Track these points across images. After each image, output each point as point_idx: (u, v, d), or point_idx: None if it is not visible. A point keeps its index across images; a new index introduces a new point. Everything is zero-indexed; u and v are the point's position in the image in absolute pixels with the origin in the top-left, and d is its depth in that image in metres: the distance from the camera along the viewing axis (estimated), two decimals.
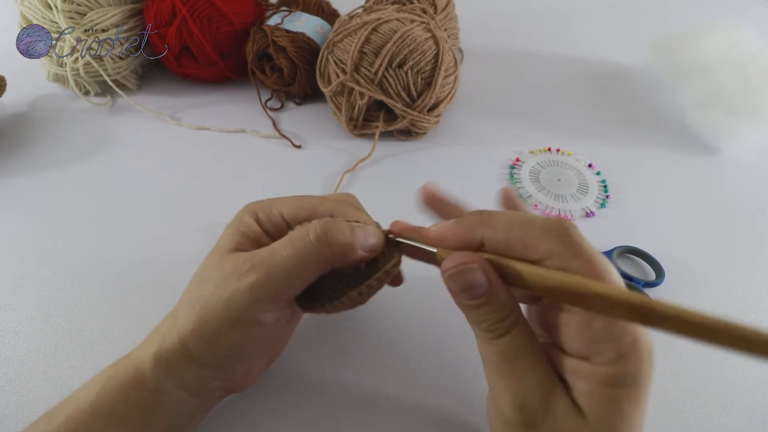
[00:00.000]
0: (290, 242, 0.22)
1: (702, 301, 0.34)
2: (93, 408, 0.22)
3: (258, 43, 0.47)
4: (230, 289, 0.22)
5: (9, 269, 0.35)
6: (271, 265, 0.22)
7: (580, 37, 0.63)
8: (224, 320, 0.22)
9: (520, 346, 0.19)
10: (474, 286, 0.19)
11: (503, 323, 0.20)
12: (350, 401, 0.28)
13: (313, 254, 0.22)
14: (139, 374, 0.23)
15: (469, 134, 0.48)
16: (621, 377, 0.18)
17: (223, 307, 0.22)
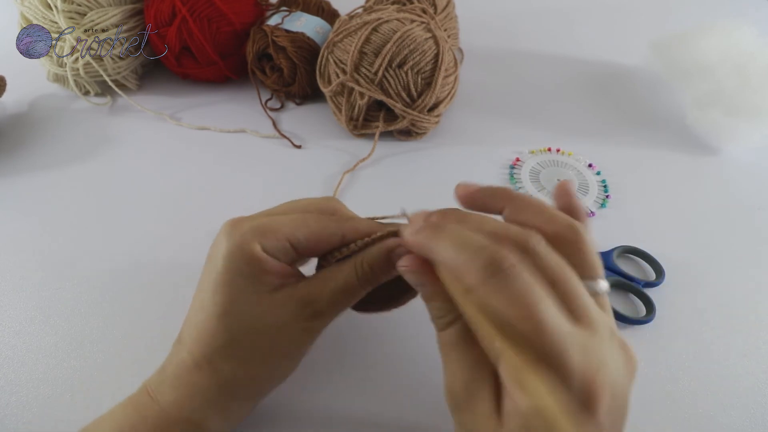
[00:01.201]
0: (345, 286, 0.24)
1: (702, 301, 0.34)
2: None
3: (258, 43, 0.47)
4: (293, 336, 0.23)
5: (9, 269, 0.35)
6: (332, 307, 0.24)
7: (580, 37, 0.63)
8: (292, 364, 0.25)
9: (455, 342, 0.20)
10: (416, 285, 0.22)
11: (443, 319, 0.21)
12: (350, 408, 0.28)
13: (364, 291, 0.24)
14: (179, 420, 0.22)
15: (469, 134, 0.48)
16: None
17: (292, 356, 0.24)
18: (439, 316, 0.21)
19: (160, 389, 0.23)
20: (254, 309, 0.23)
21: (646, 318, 0.32)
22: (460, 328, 0.20)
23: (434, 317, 0.21)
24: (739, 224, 0.40)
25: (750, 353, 0.31)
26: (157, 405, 0.23)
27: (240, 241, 0.23)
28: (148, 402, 0.23)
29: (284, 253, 0.24)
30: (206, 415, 0.23)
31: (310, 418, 0.28)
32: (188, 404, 0.22)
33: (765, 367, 0.31)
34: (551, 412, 0.16)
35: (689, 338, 0.32)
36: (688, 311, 0.34)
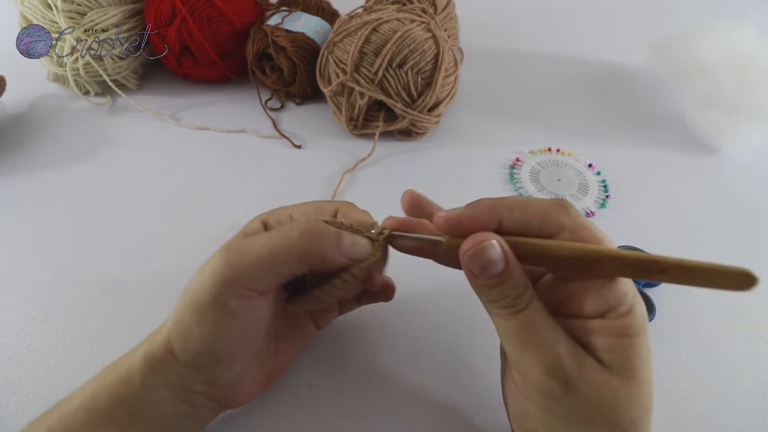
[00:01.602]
0: (273, 233, 0.23)
1: (702, 300, 0.34)
2: (85, 405, 0.22)
3: (258, 43, 0.47)
4: (201, 276, 0.22)
5: (9, 269, 0.35)
6: (243, 250, 0.22)
7: (580, 37, 0.63)
8: (194, 307, 0.22)
9: (542, 318, 0.20)
10: (493, 263, 0.20)
11: (523, 297, 0.20)
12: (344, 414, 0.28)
13: (291, 248, 0.22)
14: (129, 372, 0.23)
15: (469, 134, 0.48)
16: (632, 327, 0.20)
17: (193, 293, 0.22)
18: (515, 298, 0.20)
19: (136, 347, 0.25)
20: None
21: None
22: (539, 304, 0.21)
23: (507, 305, 0.21)
24: (739, 224, 0.40)
25: (750, 353, 0.31)
26: (125, 356, 0.24)
27: (251, 220, 0.26)
28: (122, 356, 0.24)
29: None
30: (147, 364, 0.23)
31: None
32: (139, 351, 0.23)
33: (765, 367, 0.31)
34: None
35: (689, 338, 0.32)
36: (688, 311, 0.34)
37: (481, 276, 0.20)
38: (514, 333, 0.21)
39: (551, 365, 0.20)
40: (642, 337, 0.20)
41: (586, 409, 0.19)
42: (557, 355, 0.20)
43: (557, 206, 0.21)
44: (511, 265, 0.20)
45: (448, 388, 0.29)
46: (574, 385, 0.19)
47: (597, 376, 0.19)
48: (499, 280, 0.20)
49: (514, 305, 0.20)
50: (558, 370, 0.20)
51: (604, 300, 0.20)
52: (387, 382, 0.29)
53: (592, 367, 0.20)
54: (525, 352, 0.20)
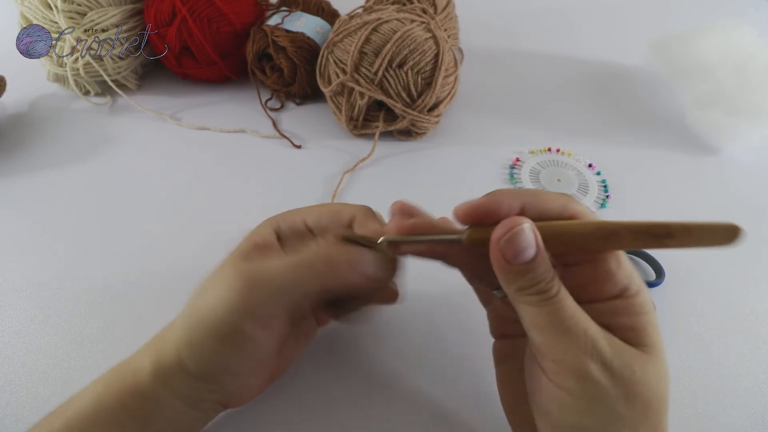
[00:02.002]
0: (291, 261, 0.23)
1: (702, 301, 0.34)
2: (91, 414, 0.22)
3: (258, 43, 0.47)
4: (218, 300, 0.22)
5: (9, 269, 0.35)
6: (262, 280, 0.22)
7: (580, 37, 0.63)
8: (212, 333, 0.22)
9: (572, 303, 0.20)
10: (527, 248, 0.20)
11: (554, 281, 0.20)
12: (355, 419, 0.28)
13: (311, 277, 0.22)
14: (137, 383, 0.22)
15: (469, 134, 0.48)
16: (645, 304, 0.21)
17: (210, 318, 0.22)
18: (548, 282, 0.20)
19: (139, 350, 0.25)
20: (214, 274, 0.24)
21: None
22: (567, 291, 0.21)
23: (540, 290, 0.20)
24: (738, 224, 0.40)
25: (750, 353, 0.31)
26: (128, 364, 0.24)
27: (262, 223, 0.26)
28: (124, 363, 0.24)
29: (298, 234, 0.26)
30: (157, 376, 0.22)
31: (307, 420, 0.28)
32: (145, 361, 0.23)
33: (765, 367, 0.31)
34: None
35: (689, 338, 0.32)
36: (688, 311, 0.34)
37: (515, 261, 0.20)
38: (547, 320, 0.20)
39: (588, 347, 0.19)
40: (653, 314, 0.21)
41: (622, 389, 0.19)
42: (592, 337, 0.20)
43: (568, 197, 0.22)
44: (542, 249, 0.20)
45: (448, 389, 0.29)
46: (610, 364, 0.19)
47: (627, 353, 0.20)
48: (531, 266, 0.20)
49: (546, 291, 0.20)
50: (595, 351, 0.19)
51: (617, 280, 0.21)
52: (386, 381, 0.29)
53: (622, 346, 0.20)
54: (559, 338, 0.20)
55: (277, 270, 0.22)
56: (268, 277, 0.22)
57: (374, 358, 0.31)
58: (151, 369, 0.22)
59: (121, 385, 0.23)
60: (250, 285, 0.22)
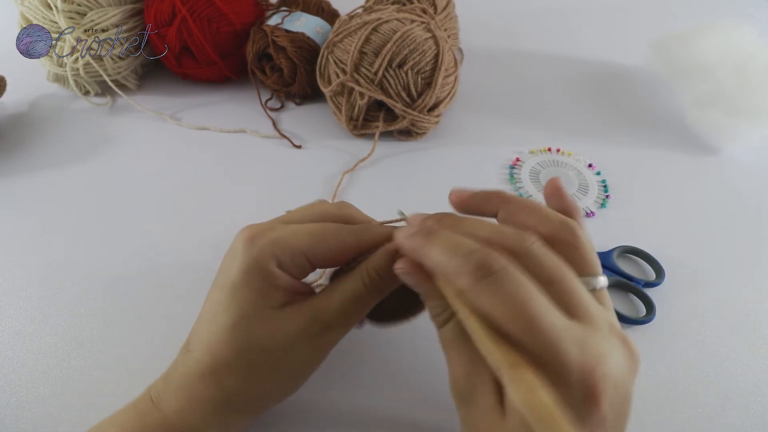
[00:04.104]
0: (353, 296, 0.23)
1: (702, 301, 0.34)
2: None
3: (258, 43, 0.47)
4: (305, 353, 0.23)
5: (9, 269, 0.35)
6: (342, 319, 0.23)
7: (580, 37, 0.63)
8: (299, 383, 0.24)
9: (453, 338, 0.20)
10: (413, 286, 0.22)
11: (440, 317, 0.21)
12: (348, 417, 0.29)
13: (374, 300, 0.24)
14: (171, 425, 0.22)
15: (469, 134, 0.48)
16: None
17: (293, 367, 0.23)
18: (436, 314, 0.21)
19: (164, 396, 0.23)
20: (264, 325, 0.22)
21: (646, 318, 0.32)
22: (456, 325, 0.20)
23: (432, 315, 0.22)
24: (738, 224, 0.40)
25: (750, 353, 0.31)
26: (160, 413, 0.22)
27: (257, 256, 0.22)
28: (151, 409, 0.23)
29: (299, 268, 0.24)
30: (207, 424, 0.22)
31: (311, 419, 0.28)
32: (189, 414, 0.22)
33: (765, 367, 0.31)
34: (546, 409, 0.16)
35: (689, 338, 0.32)
36: (688, 311, 0.34)
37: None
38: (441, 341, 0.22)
39: (452, 378, 0.21)
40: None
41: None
42: (456, 374, 0.20)
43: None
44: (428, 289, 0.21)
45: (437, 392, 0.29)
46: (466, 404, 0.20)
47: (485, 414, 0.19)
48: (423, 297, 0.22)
49: (435, 320, 0.22)
50: (455, 385, 0.20)
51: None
52: (387, 383, 0.29)
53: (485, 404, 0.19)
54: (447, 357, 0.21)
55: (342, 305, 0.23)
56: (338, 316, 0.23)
57: (374, 358, 0.31)
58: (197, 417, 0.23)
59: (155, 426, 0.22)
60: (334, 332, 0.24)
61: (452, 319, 0.20)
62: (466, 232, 0.20)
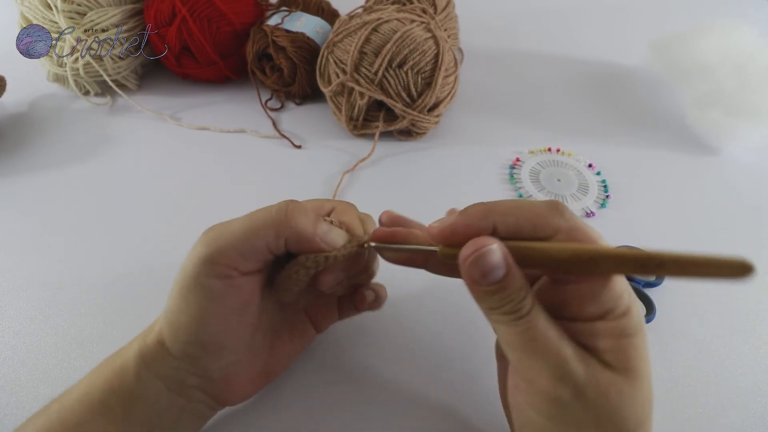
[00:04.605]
0: (250, 213, 0.23)
1: (702, 300, 0.34)
2: (81, 399, 0.23)
3: (258, 43, 0.47)
4: (185, 264, 0.22)
5: (9, 269, 0.35)
6: (222, 228, 0.23)
7: (580, 37, 0.63)
8: (179, 292, 0.22)
9: (545, 322, 0.20)
10: (494, 269, 0.20)
11: (525, 302, 0.20)
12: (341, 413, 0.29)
13: (268, 221, 0.22)
14: (124, 366, 0.23)
15: (469, 134, 0.48)
16: (630, 327, 0.20)
17: (178, 279, 0.22)
18: (517, 303, 0.20)
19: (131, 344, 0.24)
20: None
21: (646, 318, 0.32)
22: (541, 309, 0.20)
23: (509, 310, 0.20)
24: (739, 224, 0.40)
25: (750, 353, 0.31)
26: (122, 350, 0.24)
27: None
28: (118, 351, 0.24)
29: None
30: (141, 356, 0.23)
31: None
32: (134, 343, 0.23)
33: (765, 367, 0.31)
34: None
35: (689, 338, 0.32)
36: (688, 311, 0.34)
37: (483, 282, 0.20)
38: (518, 340, 0.20)
39: (559, 370, 0.19)
40: (640, 336, 0.20)
41: (594, 413, 0.19)
42: (564, 360, 0.19)
43: (551, 209, 0.21)
44: (512, 269, 0.20)
45: (445, 391, 0.29)
46: (582, 388, 0.19)
47: (603, 377, 0.19)
48: (500, 286, 0.20)
49: (517, 311, 0.20)
50: (566, 374, 0.19)
51: (602, 302, 0.20)
52: (384, 385, 0.29)
53: (597, 368, 0.19)
54: (530, 358, 0.20)
55: (237, 220, 0.23)
56: (226, 228, 0.23)
57: (369, 360, 0.31)
58: (137, 352, 0.23)
59: (110, 371, 0.23)
60: (210, 234, 0.22)
61: (536, 305, 0.20)
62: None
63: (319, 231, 0.23)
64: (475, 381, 0.29)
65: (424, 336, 0.32)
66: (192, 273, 0.22)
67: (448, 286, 0.31)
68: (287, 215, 0.23)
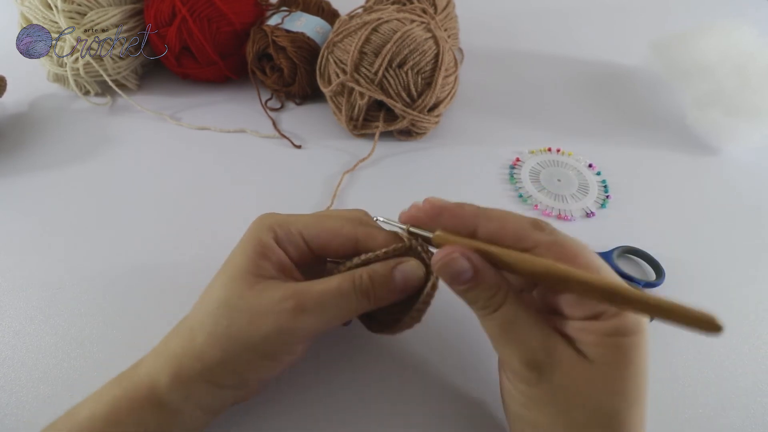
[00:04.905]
0: (338, 292, 0.24)
1: (702, 301, 0.34)
2: (105, 428, 0.22)
3: (258, 43, 0.47)
4: (270, 326, 0.22)
5: (9, 269, 0.35)
6: (315, 311, 0.23)
7: (580, 37, 0.63)
8: (260, 354, 0.23)
9: (515, 315, 0.22)
10: (461, 273, 0.22)
11: (494, 299, 0.22)
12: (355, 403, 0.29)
13: (359, 303, 0.24)
14: (155, 397, 0.23)
15: (469, 134, 0.48)
16: (623, 327, 0.21)
17: (261, 342, 0.23)
18: (487, 300, 0.22)
19: (145, 360, 0.25)
20: (242, 286, 0.23)
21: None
22: (512, 304, 0.22)
23: (482, 306, 0.23)
24: (739, 224, 0.40)
25: (750, 353, 0.31)
26: (140, 378, 0.24)
27: (256, 228, 0.25)
28: (131, 374, 0.24)
29: (295, 247, 0.25)
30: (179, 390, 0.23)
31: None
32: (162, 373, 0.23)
33: (765, 367, 0.31)
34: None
35: (689, 338, 0.32)
36: None
37: (453, 283, 0.22)
38: (493, 330, 0.23)
39: (525, 357, 0.21)
40: (639, 336, 0.21)
41: (562, 395, 0.21)
42: (530, 348, 0.21)
43: (533, 224, 0.23)
44: (481, 271, 0.22)
45: (447, 386, 0.29)
46: (547, 373, 0.21)
47: (573, 366, 0.21)
48: (471, 285, 0.22)
49: (488, 306, 0.22)
50: (532, 360, 0.21)
51: (590, 306, 0.21)
52: (387, 378, 0.29)
53: (568, 357, 0.21)
54: (503, 346, 0.22)
55: (331, 303, 0.24)
56: (323, 308, 0.23)
57: (378, 356, 0.31)
58: (171, 383, 0.23)
59: (135, 399, 0.23)
60: (301, 315, 0.23)
61: (506, 302, 0.22)
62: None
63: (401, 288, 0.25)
64: (483, 373, 0.29)
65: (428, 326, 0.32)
66: (284, 343, 0.23)
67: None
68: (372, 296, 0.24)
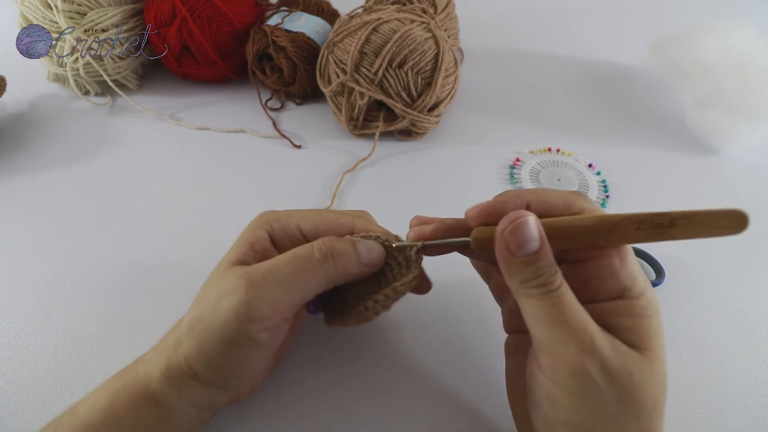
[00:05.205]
0: (293, 259, 0.23)
1: (702, 300, 0.34)
2: (103, 423, 0.22)
3: (258, 43, 0.47)
4: (225, 310, 0.22)
5: (9, 269, 0.35)
6: (268, 282, 0.22)
7: (580, 37, 0.63)
8: (222, 342, 0.22)
9: (574, 298, 0.20)
10: (530, 240, 0.20)
11: (557, 276, 0.20)
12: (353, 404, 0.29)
13: (315, 272, 0.23)
14: (150, 392, 0.23)
15: (469, 134, 0.48)
16: (648, 307, 0.21)
17: (219, 329, 0.22)
18: (550, 276, 0.20)
19: (145, 356, 0.25)
20: (215, 282, 0.24)
21: None
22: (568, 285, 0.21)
23: (542, 282, 0.20)
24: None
25: (750, 353, 0.31)
26: (136, 371, 0.24)
27: (254, 224, 0.26)
28: (131, 369, 0.24)
29: (292, 239, 0.25)
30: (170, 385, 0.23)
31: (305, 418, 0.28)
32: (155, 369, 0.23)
33: (765, 367, 0.31)
34: None
35: (689, 338, 0.32)
36: (688, 311, 0.34)
37: (519, 252, 0.20)
38: (547, 313, 0.20)
39: (587, 344, 0.19)
40: (657, 318, 0.21)
41: (618, 390, 0.19)
42: (591, 334, 0.19)
43: (577, 194, 0.23)
44: (546, 243, 0.20)
45: (447, 383, 0.29)
46: (609, 363, 0.19)
47: (627, 355, 0.20)
48: (534, 258, 0.20)
49: (549, 284, 0.20)
50: (594, 348, 0.19)
51: (619, 279, 0.21)
52: (384, 374, 0.29)
53: (621, 346, 0.20)
54: (559, 331, 0.20)
55: (284, 273, 0.22)
56: (274, 281, 0.22)
57: (379, 349, 0.31)
58: (162, 379, 0.23)
59: (133, 395, 0.23)
60: (258, 290, 0.22)
61: (564, 281, 0.20)
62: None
63: (363, 260, 0.24)
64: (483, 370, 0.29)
65: (426, 323, 0.32)
66: (238, 330, 0.22)
67: (457, 272, 0.31)
68: (334, 259, 0.23)
